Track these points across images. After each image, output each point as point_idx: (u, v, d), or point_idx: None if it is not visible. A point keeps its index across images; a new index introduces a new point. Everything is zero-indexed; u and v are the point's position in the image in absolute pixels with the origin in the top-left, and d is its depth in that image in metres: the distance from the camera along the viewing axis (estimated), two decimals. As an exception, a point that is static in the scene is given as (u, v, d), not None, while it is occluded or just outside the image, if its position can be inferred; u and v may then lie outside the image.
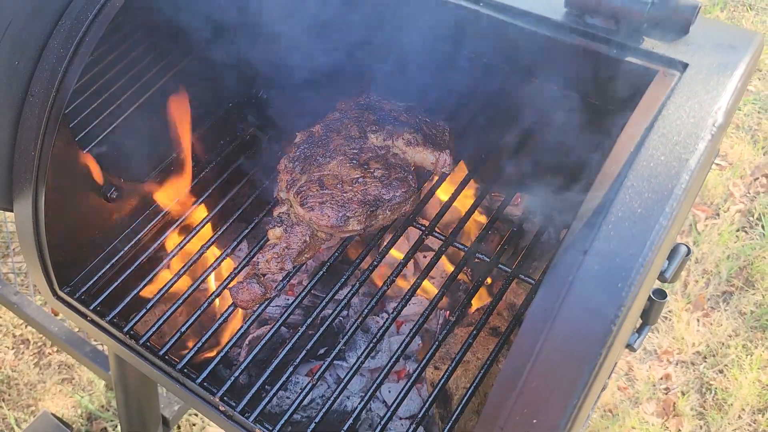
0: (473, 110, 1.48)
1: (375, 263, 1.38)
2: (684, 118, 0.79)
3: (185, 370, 1.22)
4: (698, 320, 2.58)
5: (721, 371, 2.44)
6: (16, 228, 1.19)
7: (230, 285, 1.32)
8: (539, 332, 0.73)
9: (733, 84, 0.82)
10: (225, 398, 1.19)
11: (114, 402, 2.39)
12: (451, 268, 1.62)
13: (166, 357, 1.23)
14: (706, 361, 2.47)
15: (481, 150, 1.45)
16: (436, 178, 1.45)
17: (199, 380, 1.19)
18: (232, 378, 1.22)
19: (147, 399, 1.81)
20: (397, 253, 1.62)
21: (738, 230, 2.87)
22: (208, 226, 1.46)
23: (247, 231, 1.43)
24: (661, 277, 1.24)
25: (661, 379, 2.43)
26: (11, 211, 1.19)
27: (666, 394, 2.40)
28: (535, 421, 0.74)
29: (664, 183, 0.74)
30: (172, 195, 1.50)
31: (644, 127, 0.79)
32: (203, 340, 1.26)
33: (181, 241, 1.41)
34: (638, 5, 0.88)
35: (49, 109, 1.10)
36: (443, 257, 1.50)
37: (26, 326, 2.63)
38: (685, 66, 0.85)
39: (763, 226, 2.86)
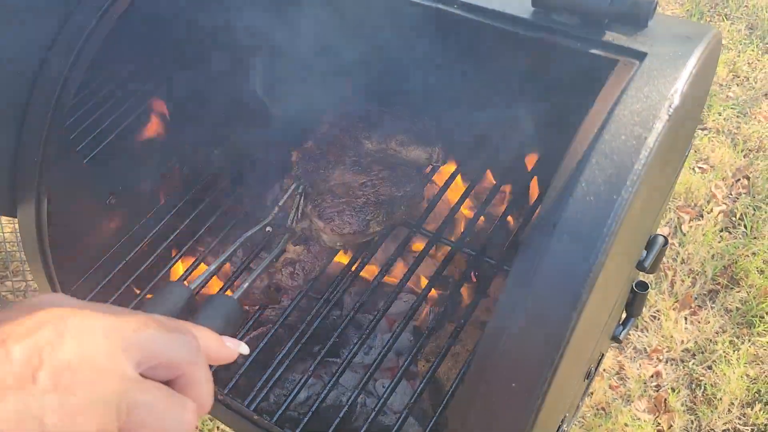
0: (453, 111, 1.55)
1: (365, 261, 1.44)
2: (643, 101, 0.85)
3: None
4: (686, 318, 2.64)
5: (709, 367, 2.49)
6: (19, 233, 1.24)
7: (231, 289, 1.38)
8: (516, 298, 0.78)
9: (688, 70, 0.89)
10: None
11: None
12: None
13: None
14: (695, 358, 2.53)
15: (462, 147, 1.52)
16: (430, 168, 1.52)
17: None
18: (237, 376, 1.27)
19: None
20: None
21: (722, 230, 2.94)
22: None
23: (243, 237, 1.48)
24: (640, 266, 1.30)
25: (652, 376, 2.48)
26: (15, 216, 1.24)
27: (657, 391, 2.44)
28: (513, 385, 0.79)
29: (625, 159, 0.81)
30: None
31: (606, 112, 0.86)
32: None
33: (182, 249, 1.47)
34: (599, 1, 0.95)
35: (51, 118, 1.16)
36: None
37: (25, 345, 2.66)
38: (644, 55, 0.91)
39: (745, 226, 2.93)
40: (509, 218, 1.54)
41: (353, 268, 1.52)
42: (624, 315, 1.53)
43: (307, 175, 1.42)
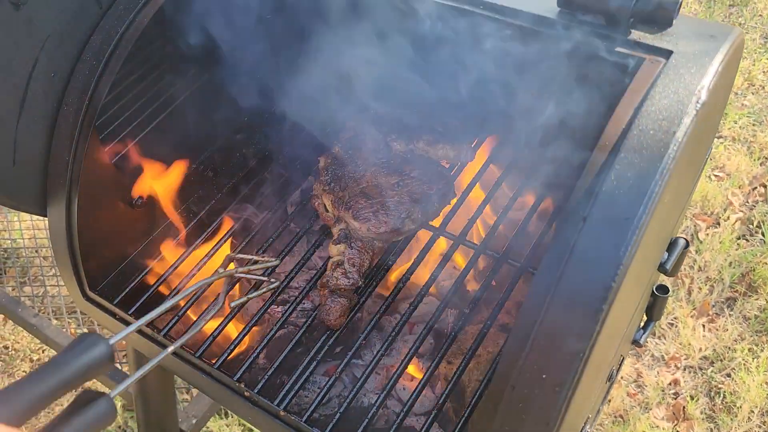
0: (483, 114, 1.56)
1: (390, 264, 1.44)
2: (670, 97, 0.86)
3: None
4: (704, 326, 2.63)
5: (728, 375, 2.48)
6: (49, 231, 1.26)
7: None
8: (546, 291, 0.79)
9: (714, 67, 0.90)
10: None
11: (131, 422, 2.43)
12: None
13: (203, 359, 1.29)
14: (713, 366, 2.51)
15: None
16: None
17: (236, 377, 1.25)
18: (265, 378, 1.27)
19: (167, 414, 1.85)
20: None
21: (739, 238, 2.93)
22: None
23: (270, 241, 1.50)
24: (662, 268, 1.30)
25: (670, 384, 2.47)
26: (45, 215, 1.26)
27: (675, 398, 2.43)
28: (544, 376, 0.80)
29: (654, 153, 0.81)
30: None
31: (634, 107, 0.87)
32: (236, 342, 1.31)
33: (209, 251, 1.47)
34: (624, 1, 0.96)
35: (82, 118, 1.18)
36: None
37: (43, 351, 2.68)
38: (670, 53, 0.93)
39: (763, 233, 2.92)
40: (532, 220, 1.54)
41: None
42: (644, 319, 1.53)
43: (337, 180, 1.44)
